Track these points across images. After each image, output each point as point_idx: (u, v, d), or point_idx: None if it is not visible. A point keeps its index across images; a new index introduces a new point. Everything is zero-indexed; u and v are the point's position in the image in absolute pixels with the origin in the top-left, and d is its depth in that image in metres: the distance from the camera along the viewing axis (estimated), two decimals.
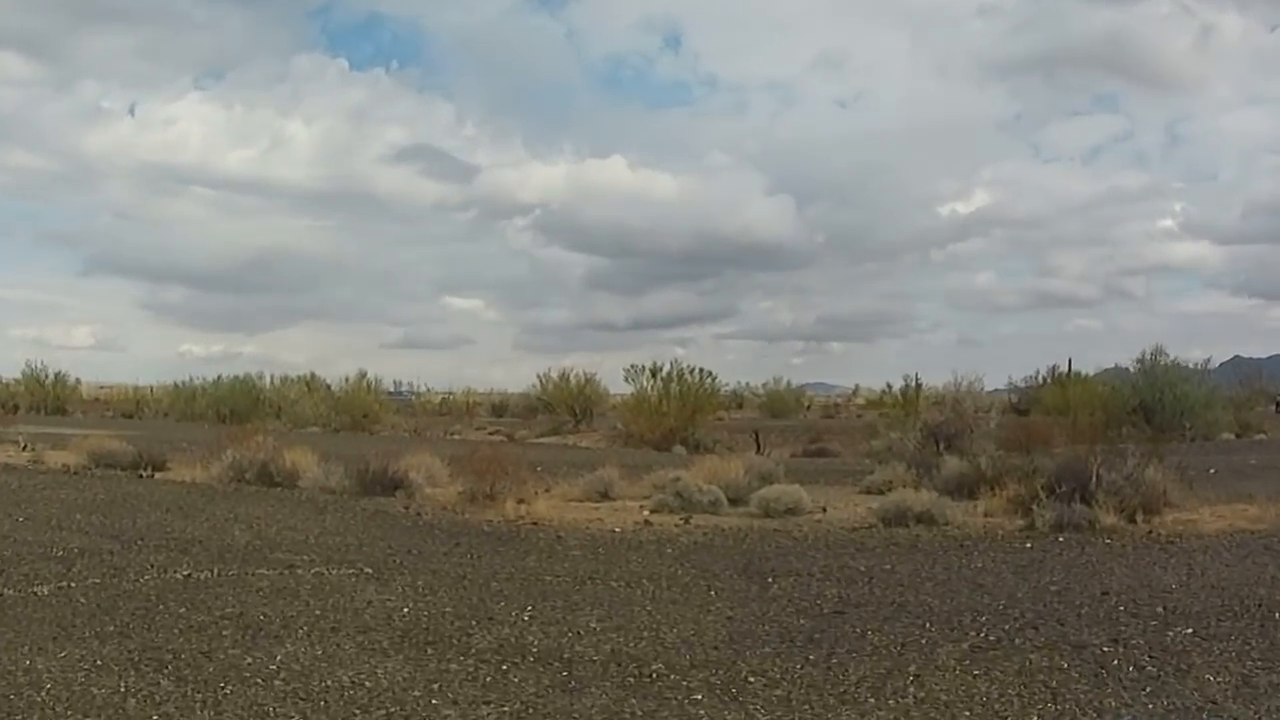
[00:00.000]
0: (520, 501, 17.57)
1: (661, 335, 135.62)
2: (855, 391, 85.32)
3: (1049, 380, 52.61)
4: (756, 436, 35.87)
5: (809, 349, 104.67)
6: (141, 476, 21.56)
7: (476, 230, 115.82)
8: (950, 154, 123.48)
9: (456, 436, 42.78)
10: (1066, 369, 53.60)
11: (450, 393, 66.21)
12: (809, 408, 66.80)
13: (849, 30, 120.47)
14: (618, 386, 47.41)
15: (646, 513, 17.23)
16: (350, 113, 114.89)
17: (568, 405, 45.51)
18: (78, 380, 64.39)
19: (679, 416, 37.77)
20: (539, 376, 47.94)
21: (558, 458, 27.82)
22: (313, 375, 48.91)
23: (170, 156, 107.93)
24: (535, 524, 15.47)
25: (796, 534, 15.13)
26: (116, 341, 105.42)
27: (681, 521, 16.16)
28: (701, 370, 38.88)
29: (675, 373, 38.74)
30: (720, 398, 40.94)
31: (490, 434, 45.14)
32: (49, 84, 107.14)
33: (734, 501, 18.02)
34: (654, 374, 38.82)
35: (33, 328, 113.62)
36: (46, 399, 51.84)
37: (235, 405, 47.21)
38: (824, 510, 17.56)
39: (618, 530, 15.20)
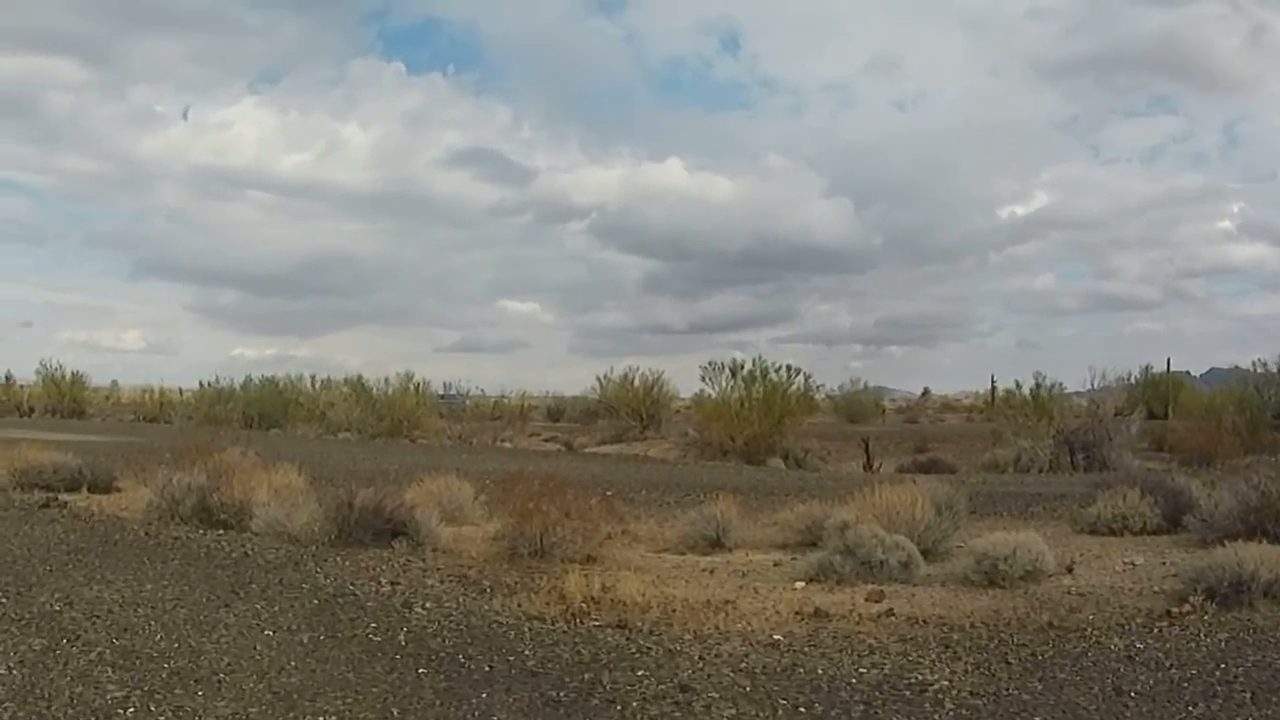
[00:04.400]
0: (590, 563, 10.03)
1: (719, 339, 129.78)
2: (925, 394, 77.96)
3: (1141, 382, 44.63)
4: (866, 447, 27.95)
5: (868, 352, 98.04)
6: (49, 504, 14.15)
7: (533, 234, 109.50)
8: (1009, 156, 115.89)
9: (507, 444, 35.22)
10: (1166, 369, 46.74)
11: (504, 396, 58.61)
12: (884, 412, 58.81)
13: (903, 31, 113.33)
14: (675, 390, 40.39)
15: (800, 584, 9.67)
16: (407, 116, 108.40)
17: (633, 409, 37.66)
18: (114, 383, 58.08)
19: (763, 422, 29.79)
20: (598, 378, 40.14)
21: (630, 475, 20.09)
22: (359, 377, 41.40)
23: (224, 160, 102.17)
24: (621, 624, 7.76)
25: (1103, 637, 7.82)
26: (168, 345, 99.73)
27: (880, 609, 8.60)
28: (789, 368, 30.95)
29: (759, 371, 30.78)
30: (812, 399, 32.86)
31: (545, 440, 37.55)
32: (101, 88, 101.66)
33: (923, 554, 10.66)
34: (734, 373, 30.89)
35: (83, 331, 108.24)
36: (62, 401, 45.00)
37: (264, 409, 39.99)
38: (1070, 570, 10.49)
39: (779, 638, 7.61)
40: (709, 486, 17.91)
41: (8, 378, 47.54)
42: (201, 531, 11.94)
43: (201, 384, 43.64)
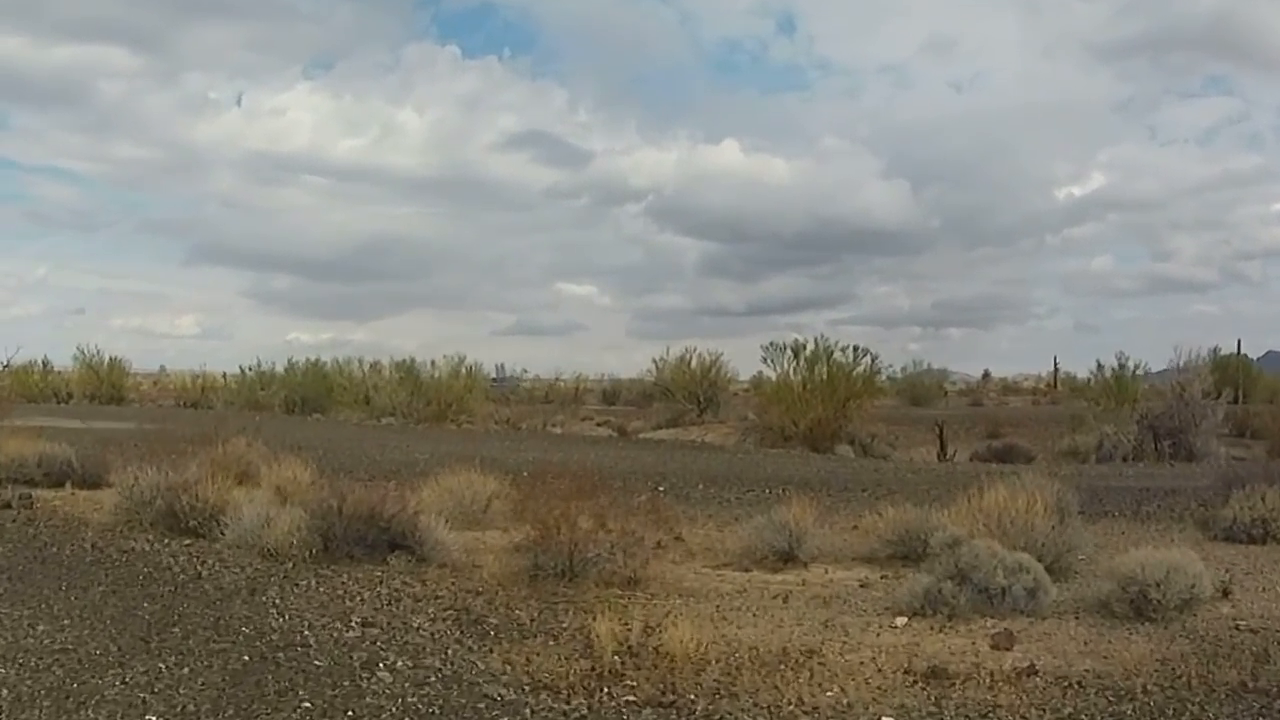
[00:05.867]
0: (631, 588, 7.73)
1: (777, 321, 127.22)
2: (986, 377, 74.90)
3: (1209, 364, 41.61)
4: (941, 433, 25.34)
5: (926, 334, 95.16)
6: (10, 504, 11.97)
7: (590, 216, 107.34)
8: (1065, 137, 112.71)
9: (557, 430, 32.91)
10: (1236, 351, 43.80)
11: (558, 379, 56.36)
12: (946, 395, 55.87)
13: (957, 12, 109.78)
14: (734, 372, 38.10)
15: (902, 621, 7.27)
16: (462, 100, 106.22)
17: (690, 392, 35.21)
18: (162, 368, 56.77)
19: (827, 405, 27.24)
20: (655, 360, 37.59)
21: (685, 465, 17.64)
22: (409, 360, 39.14)
23: (278, 146, 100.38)
24: (665, 698, 5.39)
25: None
26: (223, 330, 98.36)
27: (1015, 663, 6.24)
28: (856, 348, 28.32)
29: (823, 351, 28.19)
30: (878, 382, 30.19)
31: (597, 425, 35.19)
32: (154, 76, 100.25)
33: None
34: (796, 353, 28.32)
35: (137, 317, 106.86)
36: (101, 387, 43.23)
37: (307, 393, 37.90)
38: (1226, 594, 8.26)
39: None
40: (774, 479, 15.55)
41: (45, 364, 45.78)
42: (166, 541, 9.72)
43: (243, 369, 41.64)
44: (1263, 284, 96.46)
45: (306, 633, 6.50)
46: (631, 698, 5.39)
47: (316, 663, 5.87)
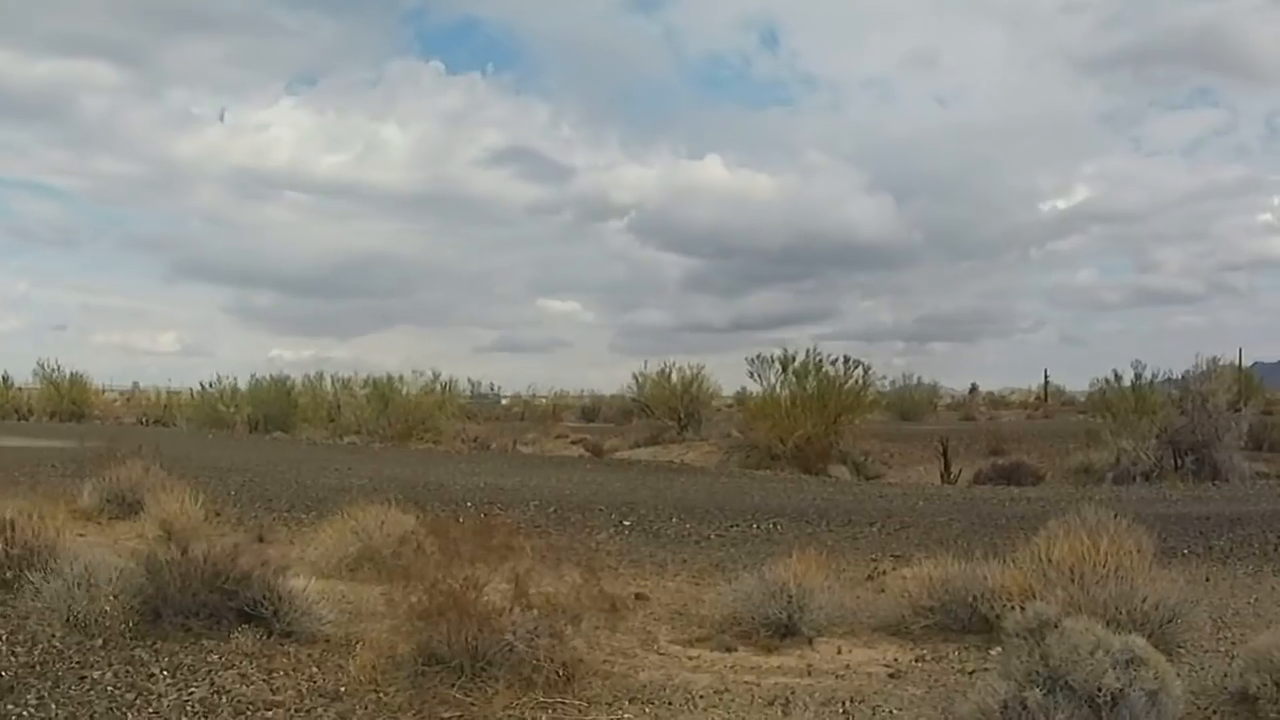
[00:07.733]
0: (561, 688, 5.24)
1: (761, 336, 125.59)
2: (974, 391, 72.56)
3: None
4: (944, 450, 22.68)
5: (910, 349, 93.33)
6: None
7: (573, 232, 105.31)
8: (1049, 150, 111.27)
9: (527, 449, 30.28)
10: (1238, 361, 41.63)
11: (533, 395, 54.05)
12: (936, 409, 53.32)
13: (940, 26, 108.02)
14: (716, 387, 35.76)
15: None
16: (446, 116, 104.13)
17: (669, 408, 32.73)
18: (135, 384, 54.57)
19: (818, 421, 24.64)
20: (635, 375, 35.08)
21: (659, 491, 14.96)
22: (382, 377, 36.56)
23: (261, 161, 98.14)
24: None
25: None
26: (204, 347, 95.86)
27: None
28: (847, 360, 25.72)
29: (813, 364, 25.61)
30: (871, 396, 27.62)
31: (572, 443, 32.62)
32: (137, 91, 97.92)
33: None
34: (784, 366, 25.74)
35: (118, 333, 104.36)
36: (62, 404, 40.57)
37: (270, 410, 35.23)
38: None
39: None
40: (762, 510, 12.91)
41: (5, 379, 43.12)
42: None
43: (203, 384, 38.89)
44: (1248, 295, 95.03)
45: None
46: None
47: None
